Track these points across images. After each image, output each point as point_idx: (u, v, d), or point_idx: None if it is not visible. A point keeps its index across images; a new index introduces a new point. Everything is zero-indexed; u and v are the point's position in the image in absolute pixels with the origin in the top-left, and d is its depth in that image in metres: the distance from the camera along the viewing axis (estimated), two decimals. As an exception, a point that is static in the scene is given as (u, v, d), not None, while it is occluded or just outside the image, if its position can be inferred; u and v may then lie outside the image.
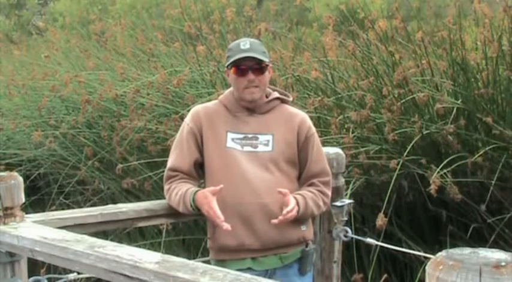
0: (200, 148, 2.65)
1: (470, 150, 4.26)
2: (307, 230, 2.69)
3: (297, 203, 2.54)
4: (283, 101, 2.73)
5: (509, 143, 4.18)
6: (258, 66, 2.58)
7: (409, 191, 4.41)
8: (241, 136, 2.63)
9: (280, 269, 2.64)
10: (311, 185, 2.67)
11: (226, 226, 2.45)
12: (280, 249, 2.62)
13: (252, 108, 2.66)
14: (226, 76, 2.76)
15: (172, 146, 2.73)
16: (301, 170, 2.69)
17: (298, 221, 2.62)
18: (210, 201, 2.47)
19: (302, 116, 2.74)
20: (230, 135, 2.62)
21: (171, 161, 2.68)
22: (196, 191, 2.54)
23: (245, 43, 2.61)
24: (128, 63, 6.74)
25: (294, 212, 2.50)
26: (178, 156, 2.66)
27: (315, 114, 4.54)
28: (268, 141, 2.63)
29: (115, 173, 5.25)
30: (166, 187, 2.68)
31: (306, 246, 2.70)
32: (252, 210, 2.55)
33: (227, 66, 2.65)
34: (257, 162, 2.59)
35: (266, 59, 2.60)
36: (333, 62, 5.20)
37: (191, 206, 2.53)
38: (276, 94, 2.73)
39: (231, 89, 2.73)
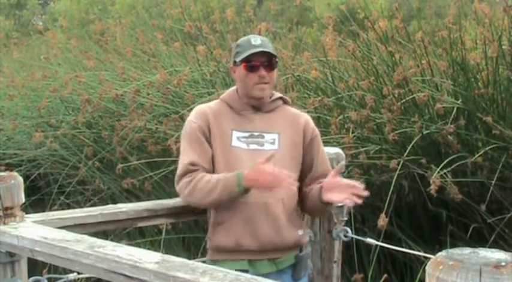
0: (211, 145, 2.60)
1: (470, 150, 4.26)
2: (302, 235, 2.66)
3: None
4: (284, 102, 2.73)
5: (509, 143, 4.18)
6: (269, 63, 2.56)
7: (409, 191, 4.42)
8: (247, 134, 2.60)
9: (274, 274, 2.59)
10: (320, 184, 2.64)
11: (286, 174, 2.40)
12: (276, 253, 2.59)
13: (257, 106, 2.63)
14: (232, 73, 2.69)
15: (184, 143, 2.62)
16: (307, 171, 2.66)
17: (296, 222, 2.61)
18: (264, 169, 2.39)
19: (306, 117, 2.73)
20: (236, 134, 2.59)
21: (189, 156, 2.54)
22: (243, 171, 2.45)
23: (256, 39, 2.58)
24: (128, 63, 6.74)
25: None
26: (195, 151, 2.56)
27: (315, 114, 4.54)
28: (274, 140, 2.61)
29: (115, 173, 5.25)
30: (186, 179, 2.52)
31: (300, 252, 2.67)
32: (254, 210, 2.52)
33: (235, 62, 2.60)
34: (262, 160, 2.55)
35: (276, 54, 2.59)
36: (333, 62, 5.20)
37: (238, 186, 2.43)
38: (278, 94, 2.72)
39: (233, 87, 2.70)
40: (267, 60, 2.56)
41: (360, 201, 2.49)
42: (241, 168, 2.50)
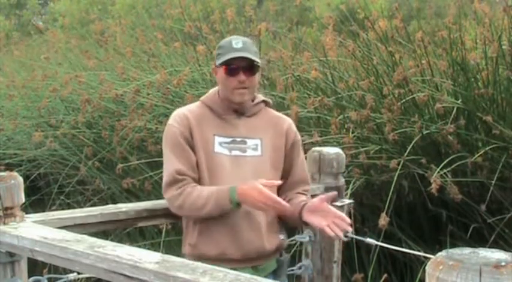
0: (194, 151, 2.53)
1: (470, 150, 4.26)
2: (283, 239, 2.63)
3: None
4: (266, 104, 2.67)
5: (509, 143, 4.18)
6: (250, 67, 2.49)
7: (409, 191, 4.42)
8: (228, 140, 2.53)
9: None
10: (298, 193, 2.62)
11: (286, 205, 2.37)
12: (259, 260, 2.55)
13: (240, 111, 2.56)
14: (214, 74, 2.63)
15: (167, 150, 2.53)
16: (285, 176, 2.60)
17: (276, 228, 2.59)
18: (266, 193, 2.34)
19: (289, 121, 2.68)
20: (218, 139, 2.52)
21: (175, 164, 2.47)
22: (235, 186, 2.40)
23: (238, 42, 2.50)
24: (128, 63, 6.74)
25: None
26: (180, 160, 2.49)
27: (315, 114, 4.55)
28: (256, 145, 2.55)
29: (115, 173, 5.25)
30: (176, 192, 2.46)
31: (280, 256, 2.64)
32: (238, 218, 2.47)
33: (216, 64, 2.54)
34: (245, 167, 2.51)
35: (258, 60, 2.52)
36: (332, 62, 5.20)
37: (231, 202, 2.38)
38: (261, 97, 2.65)
39: (214, 89, 2.63)
40: (248, 65, 2.48)
41: (341, 235, 2.43)
42: (224, 175, 2.46)
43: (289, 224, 2.66)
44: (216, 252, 2.48)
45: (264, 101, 2.65)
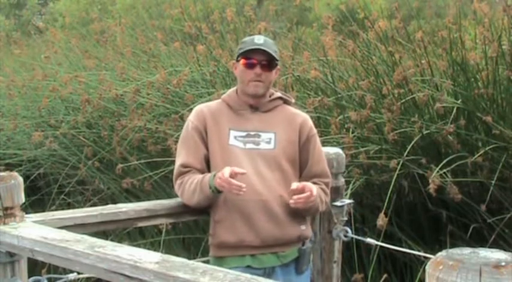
0: (206, 144, 2.67)
1: (470, 150, 4.26)
2: (306, 229, 2.71)
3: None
4: (285, 102, 2.77)
5: (509, 143, 4.18)
6: (267, 62, 2.62)
7: (409, 191, 4.41)
8: (243, 134, 2.65)
9: (278, 268, 2.65)
10: (313, 183, 2.68)
11: (243, 186, 2.43)
12: (279, 248, 2.64)
13: (254, 106, 2.68)
14: (234, 69, 2.77)
15: (179, 144, 2.74)
16: (302, 170, 2.70)
17: (298, 218, 2.65)
18: (222, 174, 2.45)
19: (304, 116, 2.78)
20: (233, 133, 2.65)
21: (181, 158, 2.66)
22: (216, 174, 2.52)
23: (259, 38, 2.68)
24: (128, 63, 6.74)
25: (313, 198, 2.53)
26: (188, 153, 2.66)
27: (315, 114, 4.54)
28: (270, 139, 2.65)
29: (115, 173, 5.25)
30: (178, 182, 2.66)
31: (303, 245, 2.71)
32: (253, 208, 2.57)
33: (237, 58, 2.68)
34: (259, 159, 2.61)
35: (276, 57, 2.65)
36: (332, 61, 5.20)
37: (210, 187, 2.52)
38: (278, 93, 2.76)
39: (234, 88, 2.76)
40: (266, 60, 2.62)
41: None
42: (239, 167, 2.53)
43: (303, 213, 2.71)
44: (235, 240, 2.59)
45: (282, 99, 2.75)
